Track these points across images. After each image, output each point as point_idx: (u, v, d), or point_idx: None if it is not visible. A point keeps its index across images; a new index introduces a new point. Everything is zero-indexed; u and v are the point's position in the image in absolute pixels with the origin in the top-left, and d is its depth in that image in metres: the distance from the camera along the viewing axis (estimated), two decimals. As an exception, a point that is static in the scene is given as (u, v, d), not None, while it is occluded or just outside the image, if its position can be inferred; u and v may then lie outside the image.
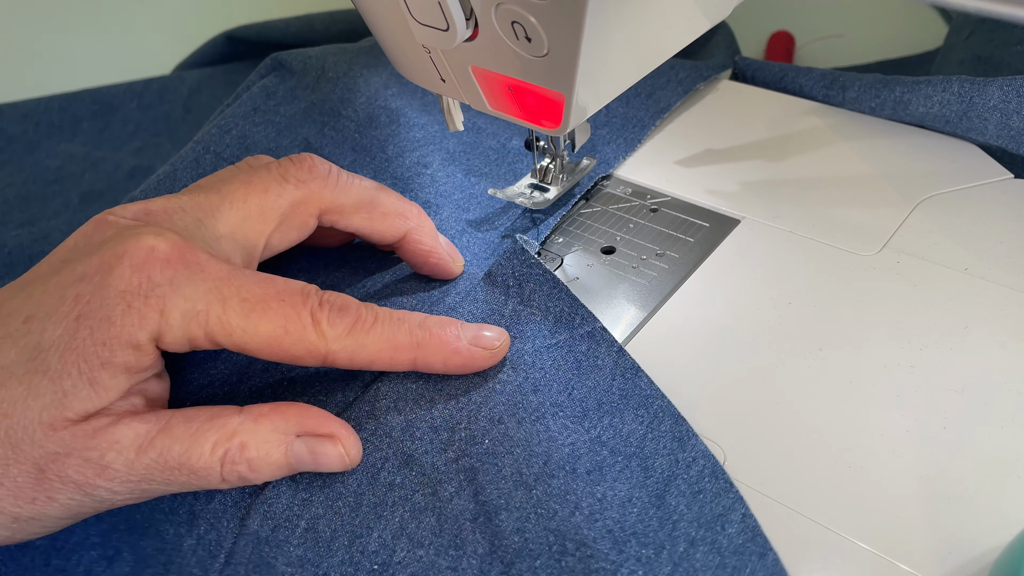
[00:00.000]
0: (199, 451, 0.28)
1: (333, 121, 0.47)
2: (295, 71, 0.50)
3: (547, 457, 0.30)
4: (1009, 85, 0.40)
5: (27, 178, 0.57)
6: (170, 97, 0.64)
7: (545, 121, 0.33)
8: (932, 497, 0.29)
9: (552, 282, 0.36)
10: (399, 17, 0.31)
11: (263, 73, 0.51)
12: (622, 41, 0.30)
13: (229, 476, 0.29)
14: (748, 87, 0.52)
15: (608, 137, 0.47)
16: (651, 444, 0.31)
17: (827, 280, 0.38)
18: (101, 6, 0.76)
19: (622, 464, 0.30)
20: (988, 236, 0.39)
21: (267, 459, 0.29)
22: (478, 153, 0.46)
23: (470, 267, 0.39)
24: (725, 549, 0.28)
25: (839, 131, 0.47)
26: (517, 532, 0.29)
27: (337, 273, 0.40)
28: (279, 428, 0.30)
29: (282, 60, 0.51)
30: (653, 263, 0.40)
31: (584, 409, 0.32)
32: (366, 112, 0.47)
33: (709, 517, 0.29)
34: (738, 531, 0.28)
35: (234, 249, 0.33)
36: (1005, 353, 0.33)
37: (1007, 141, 0.41)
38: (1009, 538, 0.27)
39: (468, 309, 0.37)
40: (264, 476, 0.30)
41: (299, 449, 0.30)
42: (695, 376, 0.34)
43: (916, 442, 0.31)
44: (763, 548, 0.28)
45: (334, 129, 0.46)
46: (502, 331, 0.34)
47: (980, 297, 0.36)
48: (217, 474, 0.29)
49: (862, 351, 0.34)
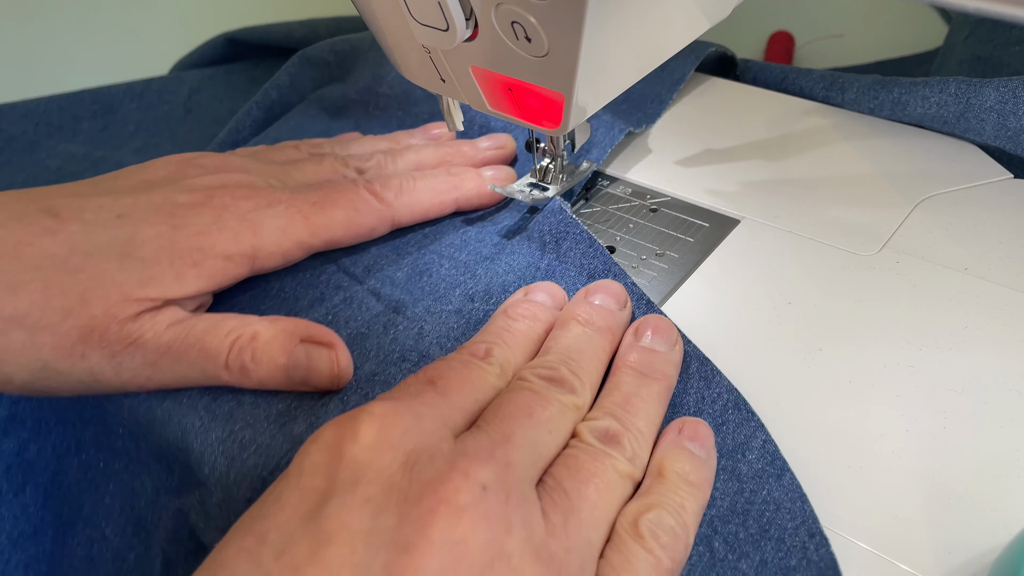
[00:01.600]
0: (217, 332, 0.32)
1: (375, 100, 0.50)
2: (328, 62, 0.54)
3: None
4: (1005, 86, 0.40)
5: (27, 178, 0.56)
6: (170, 97, 0.64)
7: (545, 121, 0.33)
8: (932, 497, 0.29)
9: (588, 241, 0.38)
10: (399, 17, 0.31)
11: (292, 71, 0.54)
12: (622, 41, 0.30)
13: (233, 362, 0.32)
14: (748, 87, 0.52)
15: (627, 111, 0.48)
16: (679, 385, 0.33)
17: (827, 280, 0.38)
18: (101, 6, 0.76)
19: None
20: (988, 236, 0.39)
21: (270, 354, 0.32)
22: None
23: (507, 220, 0.41)
24: (744, 475, 0.30)
25: (839, 131, 0.47)
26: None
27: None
28: (289, 329, 0.33)
29: (310, 56, 0.54)
30: (653, 263, 0.40)
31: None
32: (400, 87, 0.50)
33: (731, 446, 0.30)
34: (758, 457, 0.30)
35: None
36: (1005, 353, 0.33)
37: (1005, 142, 0.41)
38: (1009, 538, 0.27)
39: (506, 261, 0.39)
40: (262, 371, 0.32)
41: (299, 353, 0.32)
42: (695, 376, 0.34)
43: (916, 442, 0.31)
44: (780, 470, 0.30)
45: (378, 107, 0.50)
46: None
47: (980, 297, 0.36)
48: (224, 357, 0.32)
49: (862, 351, 0.34)
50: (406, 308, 0.36)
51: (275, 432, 0.31)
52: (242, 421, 0.32)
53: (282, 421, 0.32)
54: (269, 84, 0.54)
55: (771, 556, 0.28)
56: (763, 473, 0.30)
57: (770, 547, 0.28)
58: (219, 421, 0.32)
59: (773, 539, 0.28)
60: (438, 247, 0.40)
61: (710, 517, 0.29)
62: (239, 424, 0.32)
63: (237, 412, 0.32)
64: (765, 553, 0.28)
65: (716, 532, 0.28)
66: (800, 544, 0.28)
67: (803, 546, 0.28)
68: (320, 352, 0.32)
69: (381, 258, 0.39)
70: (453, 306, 0.36)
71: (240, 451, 0.31)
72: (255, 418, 0.32)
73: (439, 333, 0.35)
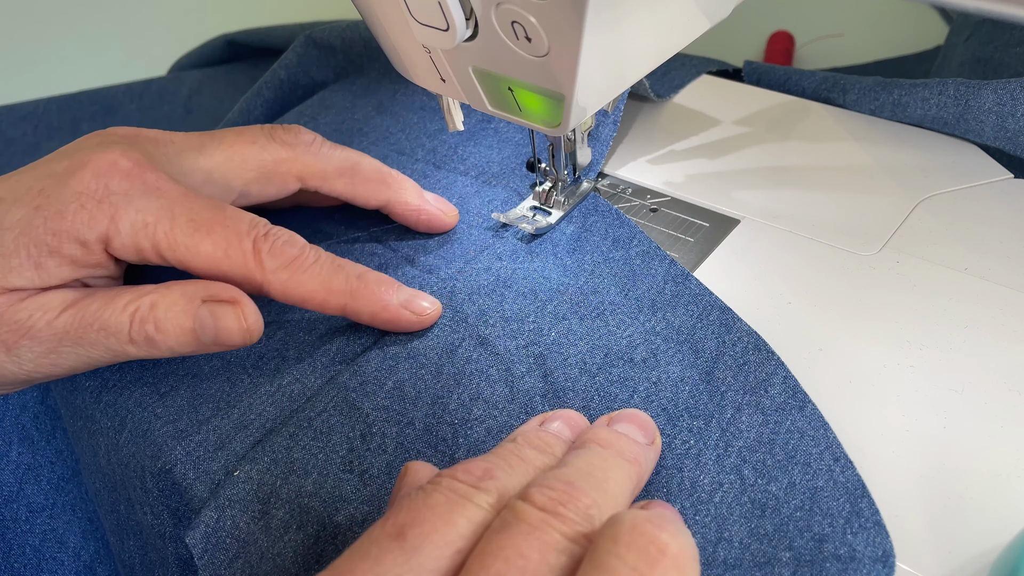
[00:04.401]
0: (112, 307, 0.31)
1: (404, 86, 0.51)
2: (334, 47, 0.54)
3: (607, 349, 0.34)
4: (1003, 88, 0.40)
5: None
6: (170, 98, 0.64)
7: (545, 121, 0.33)
8: (932, 497, 0.29)
9: (615, 214, 0.40)
10: (399, 17, 0.31)
11: (299, 51, 0.55)
12: (622, 41, 0.30)
13: (137, 335, 0.31)
14: (749, 87, 0.52)
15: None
16: (700, 331, 0.35)
17: (827, 280, 0.38)
18: (101, 8, 0.76)
19: (674, 350, 0.34)
20: (988, 236, 0.39)
21: (174, 320, 0.31)
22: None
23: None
24: (767, 408, 0.31)
25: (839, 130, 0.47)
26: (583, 408, 0.32)
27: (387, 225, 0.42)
28: (187, 293, 0.31)
29: (316, 39, 0.54)
30: (653, 263, 0.40)
31: (639, 307, 0.36)
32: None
33: (753, 383, 0.32)
34: (779, 391, 0.32)
35: (207, 183, 0.35)
36: (1005, 353, 0.33)
37: (1004, 143, 0.41)
38: (1009, 538, 0.27)
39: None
40: (170, 339, 0.31)
41: (203, 314, 0.31)
42: (695, 376, 0.34)
43: (916, 442, 0.31)
44: (802, 402, 0.31)
45: (405, 94, 0.50)
46: (435, 301, 0.36)
47: (980, 297, 0.36)
48: (126, 332, 0.31)
49: (862, 351, 0.34)
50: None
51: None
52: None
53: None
54: (277, 64, 0.54)
55: (799, 479, 0.29)
56: (786, 405, 0.31)
57: (797, 471, 0.29)
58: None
59: (799, 464, 0.30)
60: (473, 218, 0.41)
61: (738, 448, 0.30)
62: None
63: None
64: (793, 476, 0.29)
65: (745, 461, 0.30)
66: (826, 467, 0.29)
67: (829, 469, 0.29)
68: (225, 309, 0.31)
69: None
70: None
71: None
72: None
73: (468, 281, 0.37)
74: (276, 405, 0.33)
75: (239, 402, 0.33)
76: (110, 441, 0.34)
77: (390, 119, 0.49)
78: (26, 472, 0.39)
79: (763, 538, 0.28)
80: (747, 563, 0.27)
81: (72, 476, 0.39)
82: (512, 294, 0.37)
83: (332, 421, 0.32)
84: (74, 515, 0.39)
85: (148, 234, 0.31)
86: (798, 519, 0.28)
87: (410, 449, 0.31)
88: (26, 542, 0.38)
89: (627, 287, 0.37)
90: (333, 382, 0.33)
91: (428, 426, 0.32)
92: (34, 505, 0.38)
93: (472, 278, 0.38)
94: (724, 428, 0.31)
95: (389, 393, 0.33)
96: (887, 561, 0.26)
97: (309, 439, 0.31)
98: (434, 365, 0.34)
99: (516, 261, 0.38)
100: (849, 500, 0.28)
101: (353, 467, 0.31)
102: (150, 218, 0.31)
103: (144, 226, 0.31)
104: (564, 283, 0.37)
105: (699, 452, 0.30)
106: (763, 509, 0.28)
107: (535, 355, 0.34)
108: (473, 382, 0.33)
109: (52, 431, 0.40)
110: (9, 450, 0.39)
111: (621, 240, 0.39)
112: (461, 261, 0.39)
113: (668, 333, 0.35)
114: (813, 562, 0.27)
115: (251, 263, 0.32)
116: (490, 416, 0.32)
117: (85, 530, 0.39)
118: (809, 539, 0.27)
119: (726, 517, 0.28)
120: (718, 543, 0.28)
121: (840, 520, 0.28)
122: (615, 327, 0.35)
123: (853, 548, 0.27)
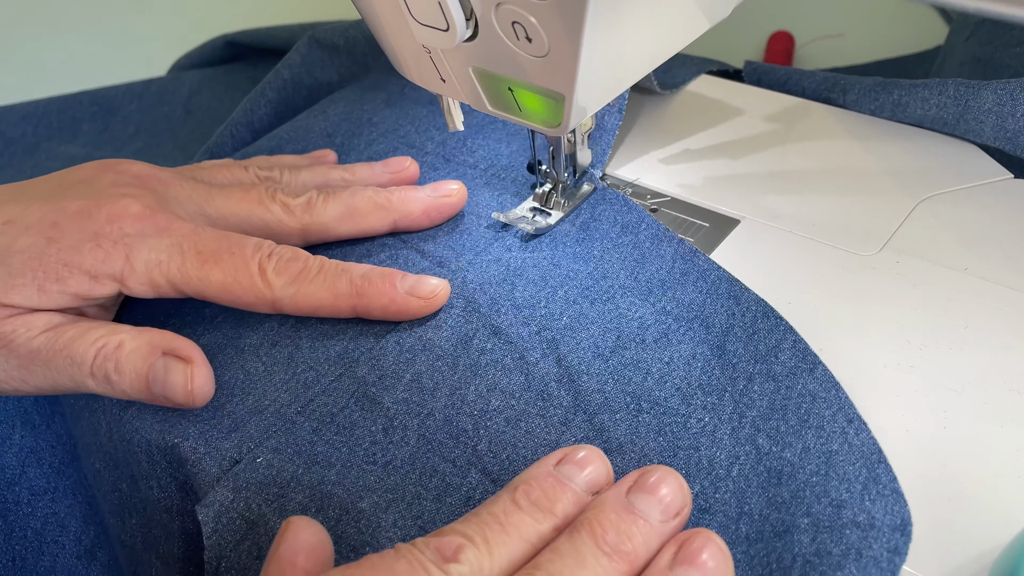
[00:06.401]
0: (84, 339, 0.32)
1: (411, 83, 0.51)
2: (338, 45, 0.55)
3: (619, 332, 0.35)
4: (1003, 89, 0.40)
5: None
6: (170, 98, 0.64)
7: (545, 121, 0.33)
8: (932, 497, 0.29)
9: (623, 201, 0.40)
10: (399, 17, 0.31)
11: (303, 51, 0.55)
12: (622, 41, 0.30)
13: (97, 371, 0.32)
14: (749, 87, 0.52)
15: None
16: (710, 306, 0.35)
17: (827, 280, 0.38)
18: (100, 8, 0.76)
19: (685, 328, 0.34)
20: (988, 236, 0.39)
21: (132, 364, 0.32)
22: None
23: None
24: (779, 375, 0.32)
25: (839, 131, 0.47)
26: (598, 392, 0.32)
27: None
28: (154, 341, 0.32)
29: (320, 38, 0.55)
30: (653, 263, 0.40)
31: (649, 288, 0.36)
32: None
33: (764, 351, 0.33)
34: (789, 356, 0.32)
35: (212, 228, 0.36)
36: (1005, 353, 0.33)
37: (1004, 143, 0.41)
38: (1009, 538, 0.27)
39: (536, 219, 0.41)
40: (125, 382, 0.32)
41: (158, 365, 0.32)
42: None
43: (916, 442, 0.31)
44: (813, 364, 0.32)
45: (413, 88, 0.51)
46: (442, 281, 0.36)
47: (980, 297, 0.36)
48: (88, 365, 0.32)
49: (862, 351, 0.34)
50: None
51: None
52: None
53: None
54: (281, 64, 0.54)
55: (813, 443, 0.29)
56: (796, 369, 0.32)
57: (811, 435, 0.29)
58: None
59: (813, 427, 0.30)
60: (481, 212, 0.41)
61: (752, 418, 0.31)
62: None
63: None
64: (807, 441, 0.29)
65: (759, 430, 0.30)
66: (840, 429, 0.29)
67: (843, 431, 0.29)
68: (177, 366, 0.32)
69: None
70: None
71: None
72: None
73: (478, 272, 0.37)
74: (291, 392, 0.33)
75: (253, 389, 0.34)
76: (113, 417, 0.34)
77: (399, 112, 0.49)
78: (28, 455, 0.39)
79: (781, 506, 0.28)
80: (768, 534, 0.27)
81: (72, 460, 0.40)
82: (523, 282, 0.37)
83: (355, 416, 0.32)
84: (75, 499, 0.39)
85: (162, 271, 0.33)
86: (814, 484, 0.28)
87: (432, 441, 0.31)
88: (28, 525, 0.38)
89: (636, 270, 0.37)
90: (351, 375, 0.34)
91: (448, 417, 0.32)
92: (36, 488, 0.39)
93: (483, 269, 0.38)
94: (737, 400, 0.31)
95: (407, 386, 0.33)
96: (904, 530, 0.26)
97: (332, 434, 0.32)
98: (450, 357, 0.34)
99: (526, 251, 0.39)
100: (866, 465, 0.28)
101: (376, 459, 0.31)
102: (163, 256, 0.33)
103: (157, 264, 0.33)
104: (574, 269, 0.38)
105: (714, 428, 0.31)
106: (779, 476, 0.28)
107: (548, 340, 0.34)
108: (489, 372, 0.33)
109: (52, 415, 0.40)
110: (12, 433, 0.39)
111: (630, 226, 0.39)
112: (471, 253, 0.39)
113: (679, 311, 0.35)
114: (832, 528, 0.27)
115: (260, 284, 0.34)
116: (508, 406, 0.32)
117: (86, 514, 0.39)
118: (827, 504, 0.27)
119: (744, 490, 0.29)
120: (739, 518, 0.28)
121: (857, 486, 0.28)
122: (626, 309, 0.35)
123: (872, 515, 0.27)
